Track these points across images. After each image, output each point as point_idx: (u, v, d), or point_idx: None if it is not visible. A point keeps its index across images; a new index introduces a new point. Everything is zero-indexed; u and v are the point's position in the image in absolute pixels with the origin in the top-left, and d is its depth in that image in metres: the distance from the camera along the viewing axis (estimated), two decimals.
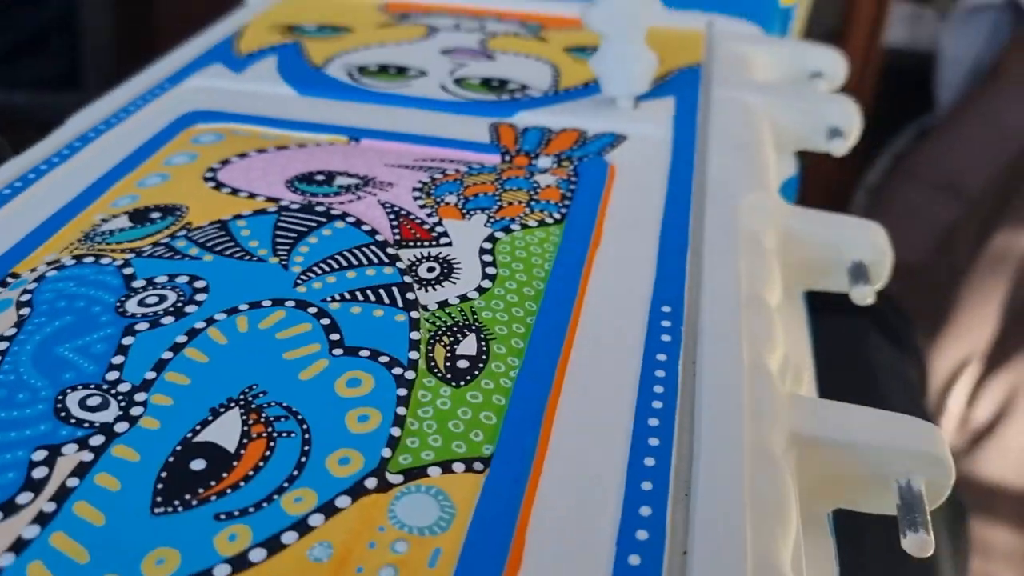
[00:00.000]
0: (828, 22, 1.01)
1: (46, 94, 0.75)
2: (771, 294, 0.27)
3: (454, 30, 0.41)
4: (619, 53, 0.34)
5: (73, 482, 0.18)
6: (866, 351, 0.56)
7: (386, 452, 0.19)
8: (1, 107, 0.71)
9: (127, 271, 0.24)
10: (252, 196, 0.27)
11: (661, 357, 0.23)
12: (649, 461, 0.20)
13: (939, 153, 0.91)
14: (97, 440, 0.19)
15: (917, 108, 1.04)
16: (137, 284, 0.23)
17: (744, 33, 0.44)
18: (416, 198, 0.27)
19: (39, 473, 0.18)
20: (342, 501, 0.18)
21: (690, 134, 0.34)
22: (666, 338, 0.23)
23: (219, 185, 0.27)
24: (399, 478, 0.19)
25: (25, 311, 0.22)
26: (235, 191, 0.27)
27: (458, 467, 0.19)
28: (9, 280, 0.24)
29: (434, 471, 0.19)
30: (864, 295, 0.30)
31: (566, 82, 0.37)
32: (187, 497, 0.18)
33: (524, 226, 0.27)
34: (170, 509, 0.18)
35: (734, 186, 0.31)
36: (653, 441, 0.20)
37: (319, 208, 0.26)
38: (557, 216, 0.27)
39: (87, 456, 0.19)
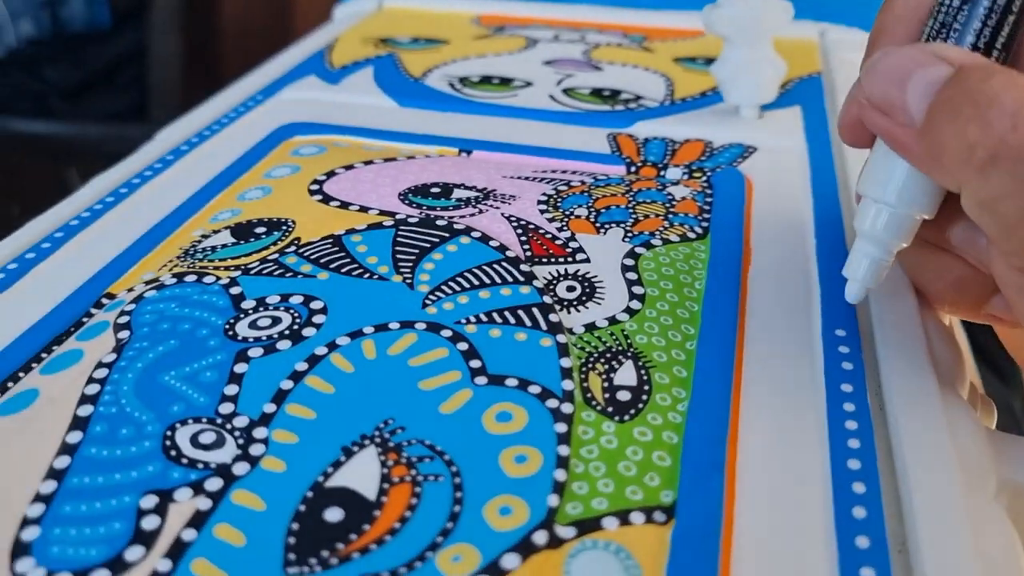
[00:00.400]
0: None
1: (115, 127, 0.75)
2: (945, 315, 0.24)
3: (554, 41, 0.39)
4: (744, 59, 0.31)
5: (190, 535, 0.15)
6: None
7: (553, 500, 0.16)
8: (72, 140, 0.71)
9: (234, 290, 0.21)
10: (364, 209, 0.24)
11: (846, 388, 0.20)
12: (859, 512, 0.17)
13: None
14: (214, 484, 0.16)
15: None
16: (246, 304, 0.20)
17: (858, 42, 0.41)
18: (543, 211, 0.24)
19: (150, 523, 0.15)
20: (510, 560, 0.15)
21: (825, 145, 0.31)
22: (847, 366, 0.20)
23: (327, 198, 0.25)
24: (571, 531, 0.16)
25: (124, 335, 0.20)
26: (344, 204, 0.24)
27: (636, 517, 0.16)
28: (104, 301, 0.21)
29: (609, 523, 0.16)
30: None
31: (681, 92, 0.34)
32: (325, 554, 0.15)
33: (666, 241, 0.24)
34: (306, 569, 0.15)
35: None
36: (858, 488, 0.17)
37: (440, 222, 0.23)
38: (699, 230, 0.24)
39: (204, 503, 0.16)
